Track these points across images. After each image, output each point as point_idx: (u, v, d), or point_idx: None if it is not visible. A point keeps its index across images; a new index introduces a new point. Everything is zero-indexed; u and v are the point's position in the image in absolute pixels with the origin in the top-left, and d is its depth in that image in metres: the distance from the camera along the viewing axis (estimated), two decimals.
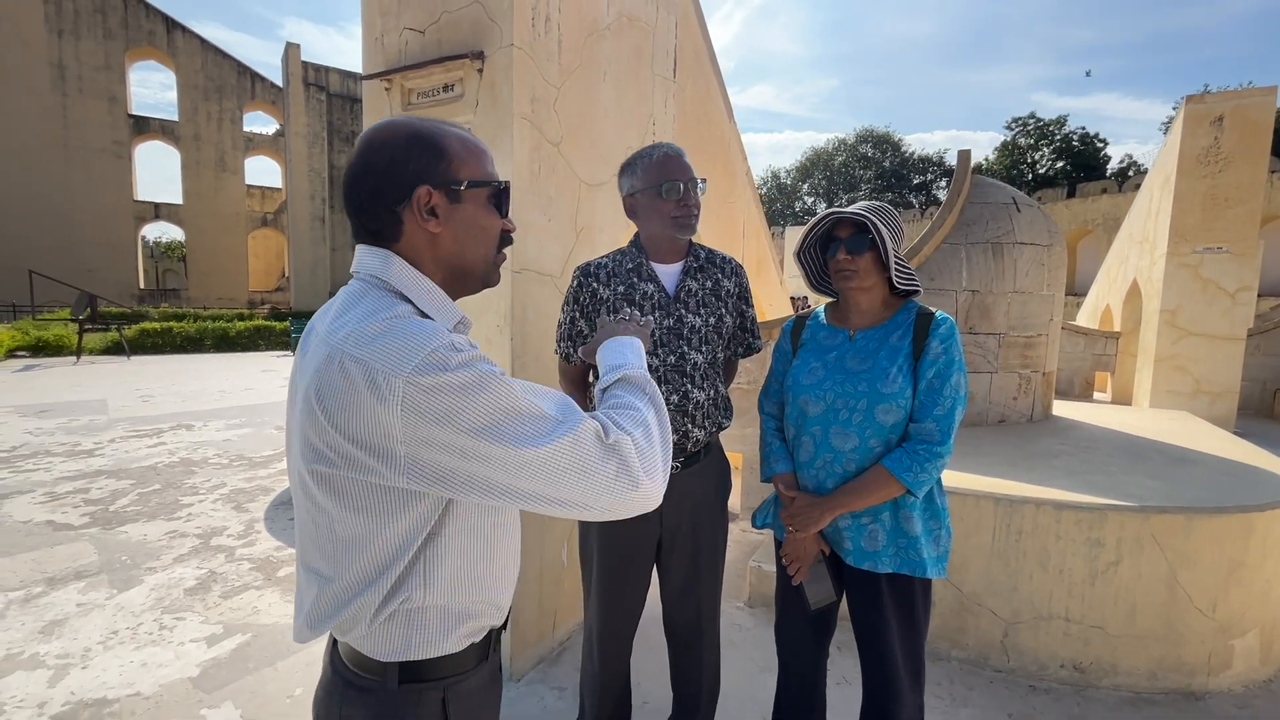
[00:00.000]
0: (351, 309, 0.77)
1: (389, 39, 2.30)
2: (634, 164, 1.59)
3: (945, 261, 3.57)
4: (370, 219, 0.82)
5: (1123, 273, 8.07)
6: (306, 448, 0.75)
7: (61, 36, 22.52)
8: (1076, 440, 3.30)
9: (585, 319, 1.63)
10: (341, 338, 0.73)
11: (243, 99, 26.32)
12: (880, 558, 1.41)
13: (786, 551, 1.51)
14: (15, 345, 11.82)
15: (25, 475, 4.61)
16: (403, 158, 0.80)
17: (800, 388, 1.50)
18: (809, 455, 1.49)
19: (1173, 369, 6.52)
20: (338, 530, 0.77)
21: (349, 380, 0.69)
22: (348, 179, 0.82)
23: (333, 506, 0.76)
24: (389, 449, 0.69)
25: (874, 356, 1.43)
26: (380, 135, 0.82)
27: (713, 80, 3.99)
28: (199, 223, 25.80)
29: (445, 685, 0.83)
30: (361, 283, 0.82)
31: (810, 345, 1.57)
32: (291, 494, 0.89)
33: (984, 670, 2.36)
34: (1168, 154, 6.77)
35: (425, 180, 0.81)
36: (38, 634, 2.51)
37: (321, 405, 0.71)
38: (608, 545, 1.65)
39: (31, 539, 3.46)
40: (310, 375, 0.73)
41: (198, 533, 3.63)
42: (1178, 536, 2.19)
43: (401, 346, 0.70)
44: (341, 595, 0.79)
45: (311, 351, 0.77)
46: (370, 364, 0.69)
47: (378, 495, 0.74)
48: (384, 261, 0.81)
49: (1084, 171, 34.50)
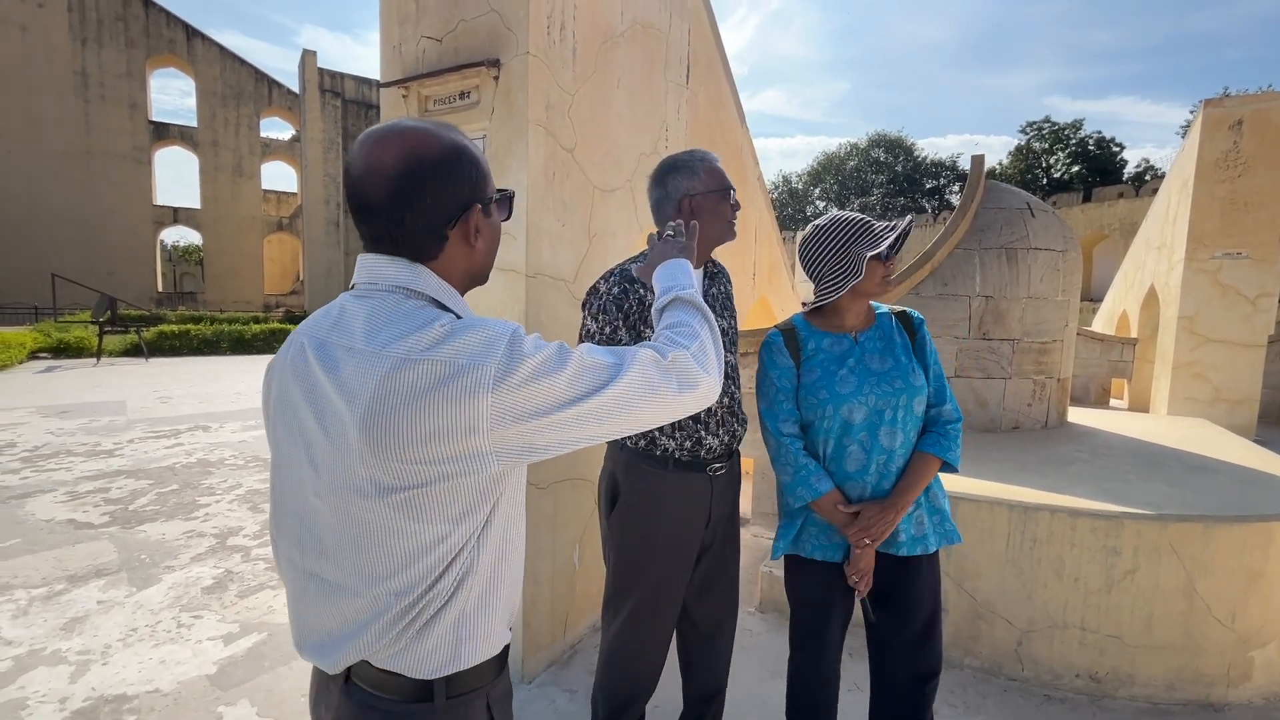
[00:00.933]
0: (391, 321, 0.74)
1: (407, 47, 2.33)
2: (694, 166, 1.59)
3: (958, 267, 3.55)
4: (416, 236, 0.78)
5: (1140, 278, 7.98)
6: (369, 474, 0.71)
7: (85, 45, 23.02)
8: (1092, 447, 3.27)
9: (628, 328, 1.55)
10: (402, 346, 0.71)
11: (260, 105, 26.74)
12: (929, 540, 1.51)
13: (860, 568, 1.47)
14: (37, 347, 12.05)
15: (47, 474, 4.70)
16: (458, 175, 0.78)
17: (841, 398, 1.47)
18: (859, 464, 1.48)
19: (1191, 376, 6.42)
20: (398, 545, 0.74)
21: (432, 379, 0.69)
22: (387, 190, 0.75)
23: (402, 523, 0.73)
24: (475, 440, 0.70)
25: (889, 355, 1.51)
26: (430, 149, 0.76)
27: (725, 86, 4.00)
28: (216, 227, 26.20)
29: (487, 691, 0.82)
30: (386, 293, 0.77)
31: (820, 355, 1.54)
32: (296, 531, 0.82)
33: (998, 679, 2.34)
34: (1186, 158, 6.69)
35: (476, 198, 0.81)
36: (60, 630, 2.56)
37: (401, 414, 0.69)
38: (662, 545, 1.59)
39: (54, 537, 3.53)
40: (374, 388, 0.70)
41: (214, 532, 3.68)
42: (1196, 545, 2.17)
43: (479, 340, 0.72)
44: (403, 606, 0.75)
45: (354, 368, 0.72)
46: (454, 361, 0.70)
47: (448, 500, 0.73)
48: (413, 272, 0.78)
49: (1100, 176, 34.13)
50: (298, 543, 0.81)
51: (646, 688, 1.69)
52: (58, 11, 22.50)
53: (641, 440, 1.58)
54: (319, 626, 0.81)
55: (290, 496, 0.81)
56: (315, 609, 0.81)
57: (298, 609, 0.83)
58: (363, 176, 0.76)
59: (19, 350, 11.06)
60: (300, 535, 0.81)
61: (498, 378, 0.70)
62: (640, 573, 1.60)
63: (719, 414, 1.61)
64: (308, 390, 0.77)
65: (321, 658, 0.80)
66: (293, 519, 0.81)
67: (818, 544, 1.54)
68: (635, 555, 1.61)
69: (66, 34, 22.68)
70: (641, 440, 1.58)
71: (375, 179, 0.76)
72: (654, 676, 1.68)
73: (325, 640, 0.80)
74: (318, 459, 0.76)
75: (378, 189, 0.76)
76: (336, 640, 0.79)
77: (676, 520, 1.59)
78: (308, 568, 0.80)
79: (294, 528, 0.81)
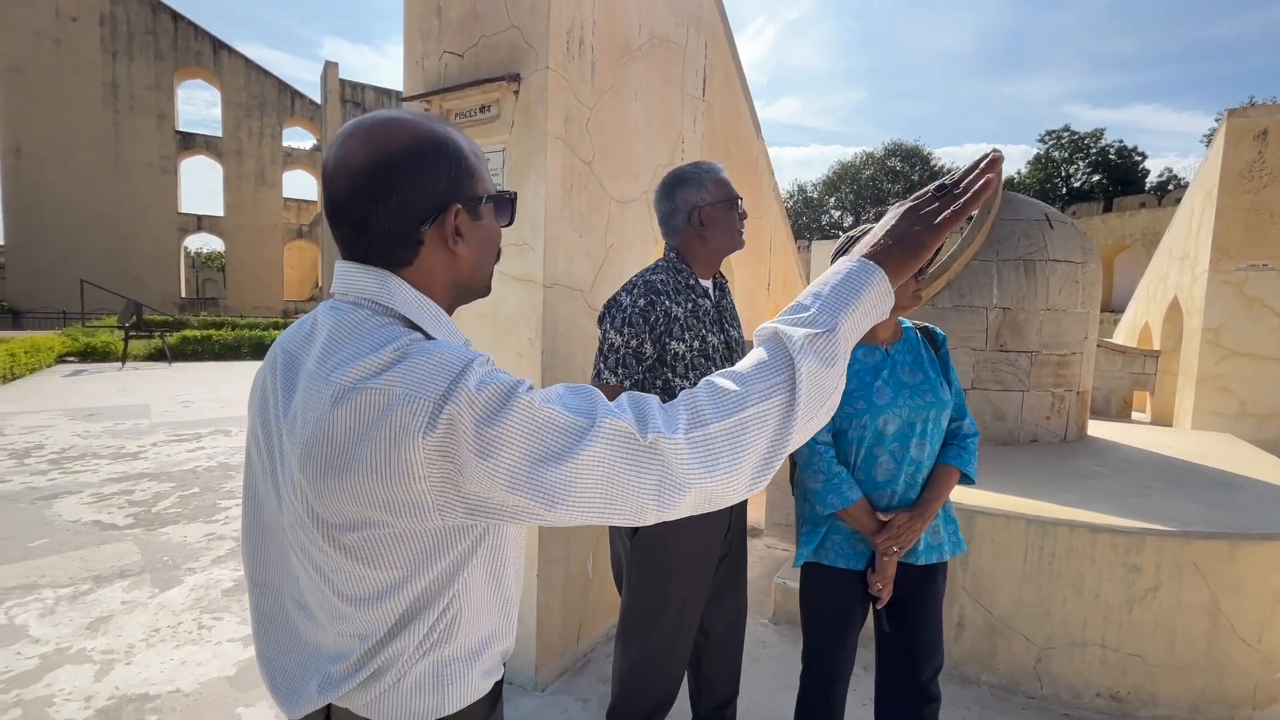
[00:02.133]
0: (348, 340, 0.66)
1: (429, 62, 2.39)
2: (701, 178, 1.61)
3: (975, 279, 3.53)
4: (384, 239, 0.69)
5: (1162, 289, 7.85)
6: (313, 509, 0.64)
7: (116, 58, 23.73)
8: (1113, 461, 3.22)
9: (654, 342, 1.54)
10: (349, 372, 0.62)
11: (282, 115, 27.31)
12: (943, 548, 1.56)
13: (886, 576, 1.49)
14: (65, 351, 12.35)
15: (74, 476, 4.81)
16: (433, 171, 0.69)
17: (878, 409, 1.50)
18: (890, 473, 1.51)
19: (1216, 389, 6.30)
20: (359, 590, 0.66)
21: (366, 413, 0.60)
22: (352, 188, 0.67)
23: (353, 567, 0.65)
24: (414, 486, 0.59)
25: (918, 368, 1.55)
26: (399, 141, 0.68)
27: (741, 98, 4.03)
28: (238, 234, 26.74)
29: None
30: (353, 307, 0.69)
31: (855, 365, 1.54)
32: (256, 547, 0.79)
33: (1015, 696, 2.31)
34: (1209, 168, 6.60)
35: (456, 197, 0.71)
36: (85, 630, 2.62)
37: (336, 451, 0.61)
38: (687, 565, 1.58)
39: (79, 538, 3.61)
40: (314, 421, 0.62)
41: (234, 536, 3.74)
42: (1221, 563, 2.13)
43: (425, 368, 0.60)
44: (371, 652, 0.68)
45: (304, 393, 0.65)
46: (390, 391, 0.59)
47: (399, 546, 0.65)
48: (381, 283, 0.69)
49: (1121, 185, 33.69)
50: (268, 566, 0.77)
51: (666, 703, 1.68)
52: (90, 26, 23.22)
53: None
54: (285, 660, 0.75)
55: (264, 519, 0.76)
56: (284, 640, 0.76)
57: (261, 639, 0.78)
58: (332, 174, 0.69)
59: (48, 354, 11.35)
60: (271, 559, 0.76)
61: (432, 414, 0.58)
62: (664, 599, 1.59)
63: None
64: (274, 411, 0.71)
65: (287, 698, 0.74)
66: (265, 540, 0.77)
67: (841, 552, 1.55)
68: (659, 579, 1.59)
69: (98, 47, 23.40)
70: None
71: (342, 176, 0.68)
72: (674, 692, 1.68)
73: (292, 676, 0.74)
74: (279, 487, 0.71)
75: (343, 186, 0.68)
76: (300, 679, 0.73)
77: (702, 537, 1.60)
78: (285, 591, 0.75)
79: (266, 551, 0.77)
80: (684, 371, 1.57)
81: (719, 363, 1.63)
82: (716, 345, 1.63)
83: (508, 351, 2.20)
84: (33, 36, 22.33)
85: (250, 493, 0.78)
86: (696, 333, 1.59)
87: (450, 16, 2.32)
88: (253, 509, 0.78)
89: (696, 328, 1.59)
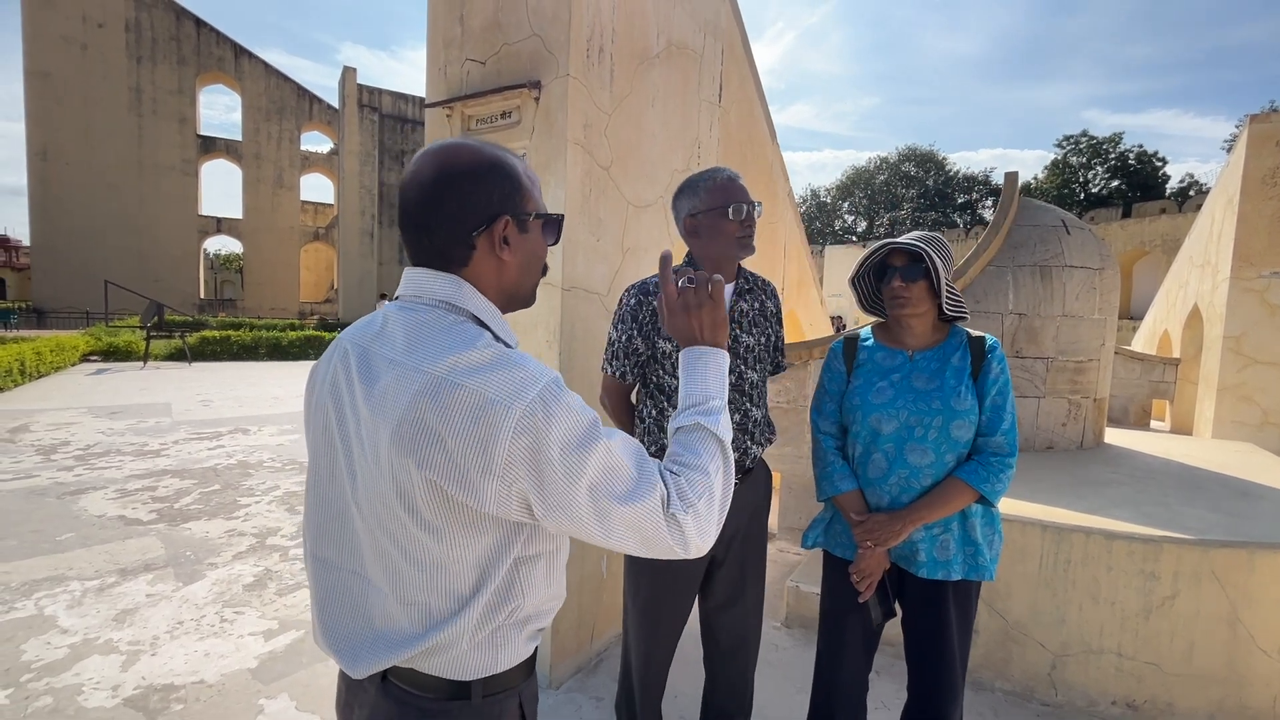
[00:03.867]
0: (433, 335, 0.76)
1: (451, 69, 2.44)
2: (696, 185, 1.62)
3: (991, 284, 3.52)
4: (444, 241, 0.80)
5: (1182, 297, 7.75)
6: (398, 484, 0.73)
7: (140, 63, 24.23)
8: (1130, 469, 3.20)
9: (643, 338, 1.64)
10: (444, 366, 0.72)
11: (301, 120, 27.73)
12: (952, 566, 1.49)
13: (859, 568, 1.52)
14: (89, 350, 12.61)
15: (99, 473, 4.92)
16: (487, 184, 0.80)
17: (870, 407, 1.53)
18: (880, 472, 1.53)
19: (1238, 398, 6.20)
20: (433, 556, 0.76)
21: (459, 407, 0.70)
22: (420, 199, 0.79)
23: (429, 540, 0.75)
24: (484, 477, 0.70)
25: (940, 376, 1.52)
26: (461, 160, 0.80)
27: (756, 104, 4.06)
28: (256, 237, 27.15)
29: (519, 691, 0.85)
30: (430, 308, 0.79)
31: (869, 365, 1.59)
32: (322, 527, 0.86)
33: (1030, 703, 2.30)
34: (1230, 174, 6.52)
35: (505, 209, 0.81)
36: (112, 621, 2.69)
37: (427, 434, 0.70)
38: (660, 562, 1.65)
39: (105, 532, 3.70)
40: (406, 404, 0.72)
41: (254, 532, 3.81)
42: (1240, 572, 2.11)
43: (515, 378, 0.71)
44: (437, 618, 0.77)
45: (392, 380, 0.74)
46: (484, 393, 0.70)
47: (473, 528, 0.75)
48: (456, 287, 0.80)
49: (1141, 191, 33.27)
50: (337, 544, 0.83)
51: (655, 691, 1.76)
52: (116, 32, 23.74)
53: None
54: (351, 628, 0.82)
55: (334, 499, 0.83)
56: (350, 610, 0.82)
57: (326, 610, 0.84)
58: (405, 188, 0.81)
59: (72, 353, 11.59)
60: (341, 538, 0.83)
61: (520, 422, 0.69)
62: (634, 592, 1.70)
63: None
64: (349, 398, 0.79)
65: (351, 660, 0.81)
66: (335, 521, 0.83)
67: (838, 542, 1.62)
68: (632, 577, 1.71)
69: (123, 52, 23.91)
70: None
71: (413, 188, 0.80)
72: (655, 683, 1.75)
73: (357, 642, 0.81)
74: (355, 467, 0.79)
75: (413, 196, 0.79)
76: (368, 644, 0.80)
77: None
78: (350, 568, 0.83)
79: (335, 530, 0.83)
80: (671, 369, 1.62)
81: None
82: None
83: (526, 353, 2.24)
84: (60, 42, 22.86)
85: (314, 476, 0.86)
86: None
87: (473, 24, 2.37)
88: (317, 491, 0.86)
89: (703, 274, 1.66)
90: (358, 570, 0.82)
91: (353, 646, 0.82)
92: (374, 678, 0.82)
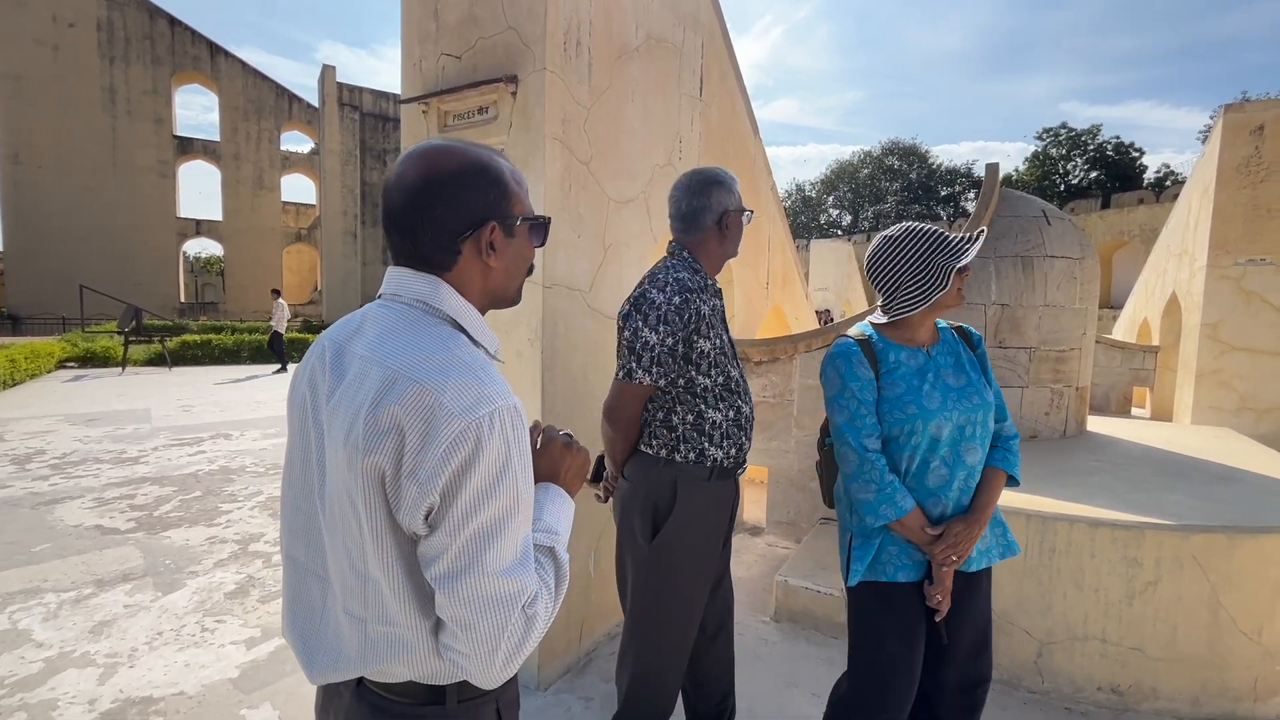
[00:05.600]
0: (403, 332, 0.75)
1: (427, 64, 2.39)
2: (730, 184, 1.64)
3: (974, 275, 3.54)
4: (428, 246, 0.79)
5: (1161, 285, 7.87)
6: (358, 479, 0.71)
7: (113, 63, 23.72)
8: (1112, 457, 3.23)
9: (686, 342, 1.53)
10: (406, 362, 0.71)
11: (280, 119, 27.32)
12: (991, 552, 1.52)
13: (944, 587, 1.41)
14: (65, 356, 12.34)
15: (75, 481, 4.81)
16: (474, 189, 0.79)
17: (930, 413, 1.42)
18: (942, 480, 1.43)
19: (1216, 384, 6.31)
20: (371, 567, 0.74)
21: (412, 403, 0.69)
22: (405, 200, 0.78)
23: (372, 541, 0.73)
24: (409, 479, 0.69)
25: (961, 371, 1.49)
26: (449, 163, 0.79)
27: (738, 98, 4.04)
28: (237, 238, 26.74)
29: (497, 697, 0.84)
30: (407, 307, 0.79)
31: (901, 369, 1.47)
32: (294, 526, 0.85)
33: (1018, 691, 2.31)
34: (1206, 164, 6.61)
35: (492, 215, 0.80)
36: (88, 633, 2.62)
37: (377, 426, 0.69)
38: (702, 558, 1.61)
39: (81, 542, 3.61)
40: (365, 396, 0.71)
41: (236, 539, 3.75)
42: (1220, 557, 2.13)
43: (473, 390, 0.70)
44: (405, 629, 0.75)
45: (356, 374, 0.74)
46: (439, 396, 0.69)
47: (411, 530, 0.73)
48: (433, 287, 0.79)
49: (1119, 181, 33.72)
50: (306, 543, 0.83)
51: (669, 709, 1.69)
52: (88, 31, 23.22)
53: (692, 454, 1.59)
54: (308, 630, 0.82)
55: (306, 497, 0.83)
56: (309, 613, 0.83)
57: (295, 611, 0.85)
58: (389, 190, 0.80)
59: (48, 360, 11.35)
60: (309, 537, 0.83)
61: (462, 435, 0.67)
62: (679, 602, 1.61)
63: (752, 420, 1.69)
64: (323, 393, 0.79)
65: (308, 664, 0.81)
66: (305, 519, 0.83)
67: (901, 564, 1.44)
68: (675, 580, 1.60)
69: (96, 52, 23.39)
70: (692, 454, 1.59)
71: (398, 191, 0.79)
72: (675, 698, 1.70)
73: (314, 646, 0.81)
74: (325, 462, 0.78)
75: (398, 199, 0.79)
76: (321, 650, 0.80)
77: (714, 530, 1.64)
78: (314, 569, 0.82)
79: (304, 528, 0.83)
80: (707, 369, 1.57)
81: (734, 361, 1.68)
82: (729, 344, 1.67)
83: (508, 352, 2.21)
84: (31, 43, 22.32)
85: (289, 473, 0.86)
86: (719, 332, 1.63)
87: (447, 19, 2.33)
88: (291, 489, 0.85)
89: (718, 327, 1.63)
90: (320, 572, 0.82)
91: (309, 650, 0.82)
92: (350, 683, 0.82)
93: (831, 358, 1.50)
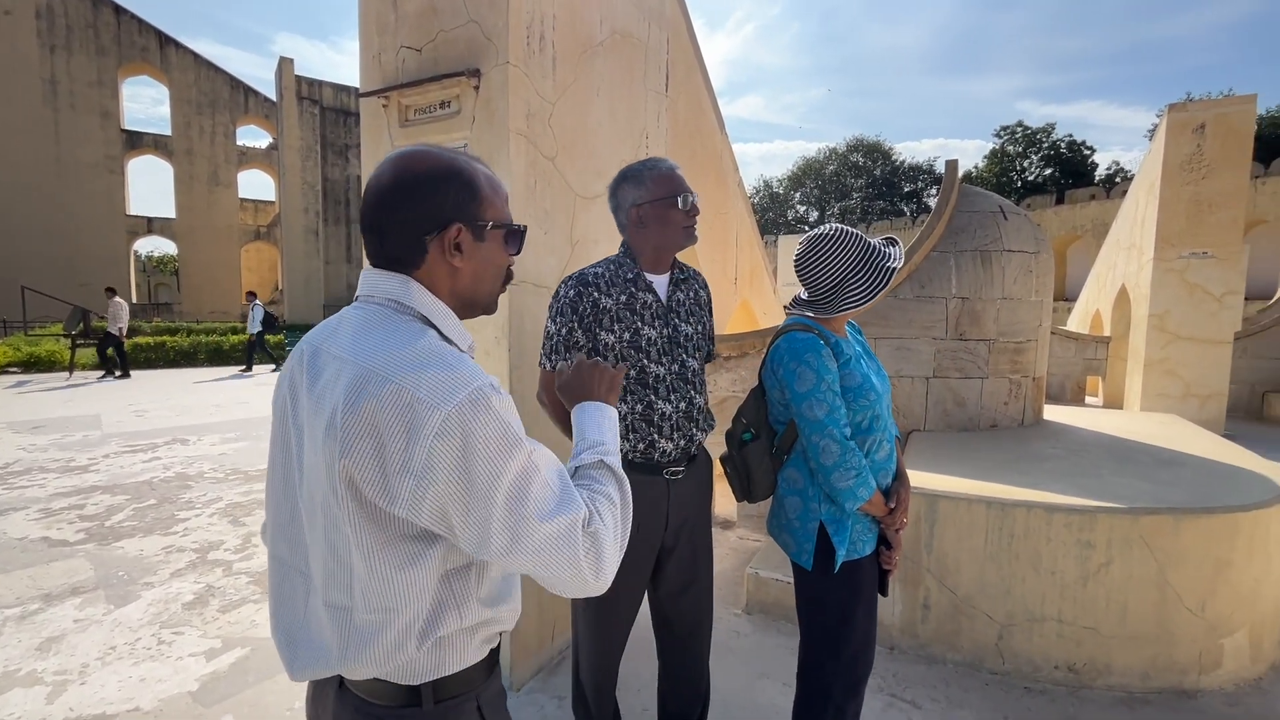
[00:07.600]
0: (375, 330, 0.77)
1: (386, 57, 2.34)
2: (641, 176, 1.61)
3: (935, 269, 3.62)
4: (395, 245, 0.81)
5: (1111, 278, 8.18)
6: (331, 473, 0.72)
7: (54, 52, 22.56)
8: (1067, 444, 3.35)
9: (584, 330, 1.58)
10: (379, 361, 0.72)
11: (236, 113, 26.38)
12: None
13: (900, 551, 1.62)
14: (7, 361, 11.75)
15: (19, 492, 4.59)
16: (442, 191, 0.81)
17: (880, 394, 1.56)
18: (886, 453, 1.58)
19: (1162, 373, 6.60)
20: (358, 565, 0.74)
21: (387, 401, 0.69)
22: (376, 202, 0.81)
23: (359, 538, 0.73)
24: (400, 475, 0.69)
25: (868, 353, 1.67)
26: (419, 165, 0.81)
27: (704, 93, 4.05)
28: (192, 237, 25.75)
29: (477, 694, 0.84)
30: (379, 306, 0.80)
31: (853, 359, 1.56)
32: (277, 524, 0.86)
33: (979, 672, 2.38)
34: (1152, 161, 6.89)
35: (459, 217, 0.82)
36: (35, 651, 2.51)
37: (353, 426, 0.70)
38: None
39: (27, 555, 3.45)
40: (339, 396, 0.72)
41: (195, 547, 3.62)
42: (1166, 537, 2.23)
43: (445, 380, 0.71)
44: (380, 628, 0.75)
45: (331, 374, 0.75)
46: (414, 391, 0.69)
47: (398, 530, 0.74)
48: (403, 286, 0.81)
49: (1072, 178, 34.89)
50: (290, 542, 0.84)
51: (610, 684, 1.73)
52: (26, 18, 22.03)
53: None
54: (291, 627, 0.83)
55: (289, 497, 0.84)
56: (292, 609, 0.83)
57: (280, 609, 0.85)
58: (366, 193, 0.83)
59: None
60: (293, 535, 0.84)
61: (446, 425, 0.68)
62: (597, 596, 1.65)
63: (674, 418, 1.61)
64: (299, 395, 0.80)
65: (290, 661, 0.82)
66: (284, 515, 0.84)
67: (866, 539, 1.54)
68: None
69: (34, 41, 22.22)
70: None
71: (371, 193, 0.81)
72: (608, 675, 1.72)
73: (296, 642, 0.82)
74: (304, 461, 0.79)
75: (370, 202, 0.82)
76: (303, 646, 0.81)
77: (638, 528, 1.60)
78: (298, 566, 0.83)
79: (288, 527, 0.84)
80: (614, 361, 1.59)
81: (655, 355, 1.62)
82: (654, 338, 1.62)
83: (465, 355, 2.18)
84: None
85: (272, 474, 0.87)
86: (629, 325, 1.60)
87: (407, 10, 2.28)
88: (274, 490, 0.86)
89: (630, 320, 1.60)
90: (303, 569, 0.83)
91: (292, 646, 0.82)
92: (332, 683, 0.83)
93: (798, 354, 1.49)
